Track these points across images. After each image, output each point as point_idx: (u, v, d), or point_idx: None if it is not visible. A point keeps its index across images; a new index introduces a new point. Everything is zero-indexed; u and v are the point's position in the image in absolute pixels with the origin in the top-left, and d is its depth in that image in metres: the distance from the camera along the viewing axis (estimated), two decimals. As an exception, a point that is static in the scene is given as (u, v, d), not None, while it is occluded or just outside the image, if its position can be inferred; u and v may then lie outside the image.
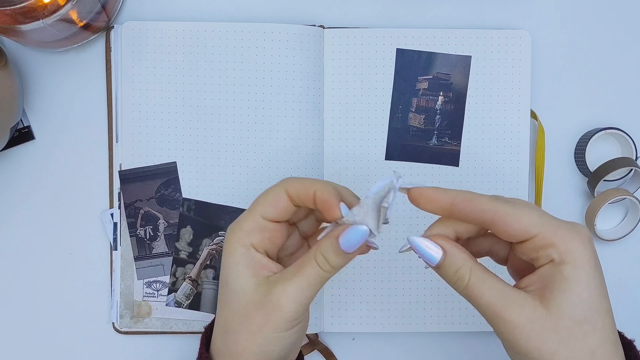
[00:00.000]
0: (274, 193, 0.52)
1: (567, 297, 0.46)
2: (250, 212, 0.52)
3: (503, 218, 0.48)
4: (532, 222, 0.48)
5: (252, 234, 0.52)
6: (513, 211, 0.48)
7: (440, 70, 0.70)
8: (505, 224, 0.48)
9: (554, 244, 0.47)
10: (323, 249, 0.50)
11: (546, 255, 0.48)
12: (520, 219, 0.48)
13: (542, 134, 0.70)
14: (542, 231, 0.48)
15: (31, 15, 0.57)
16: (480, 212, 0.49)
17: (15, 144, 0.70)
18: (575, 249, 0.47)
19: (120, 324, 0.69)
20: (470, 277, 0.49)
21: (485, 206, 0.49)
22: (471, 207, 0.49)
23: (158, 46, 0.68)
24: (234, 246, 0.52)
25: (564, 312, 0.46)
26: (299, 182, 0.52)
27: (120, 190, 0.68)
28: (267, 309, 0.50)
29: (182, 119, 0.68)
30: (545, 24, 0.71)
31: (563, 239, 0.47)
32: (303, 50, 0.68)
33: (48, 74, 0.70)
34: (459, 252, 0.50)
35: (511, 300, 0.48)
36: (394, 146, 0.70)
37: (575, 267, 0.47)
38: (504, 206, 0.49)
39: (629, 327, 0.72)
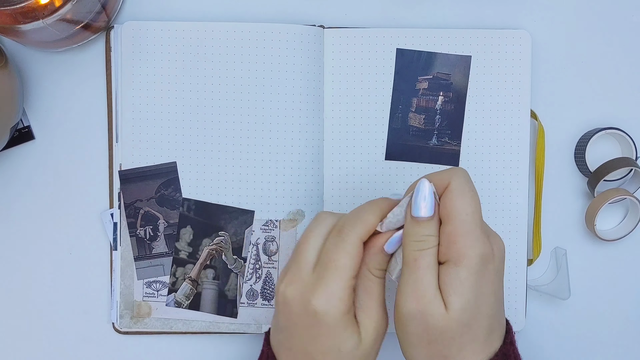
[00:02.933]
0: (353, 246, 0.52)
1: (461, 302, 0.50)
2: (343, 279, 0.52)
3: (449, 194, 0.51)
4: (462, 211, 0.50)
5: (347, 299, 0.52)
6: (458, 192, 0.51)
7: (440, 70, 0.69)
8: (446, 200, 0.51)
9: (456, 242, 0.50)
10: (377, 265, 0.53)
11: (444, 252, 0.51)
12: (456, 202, 0.51)
13: (542, 134, 0.70)
14: (458, 225, 0.50)
15: (31, 15, 0.57)
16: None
17: (15, 144, 0.70)
18: (472, 256, 0.50)
19: (120, 324, 0.69)
20: (432, 248, 0.51)
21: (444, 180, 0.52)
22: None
23: (158, 46, 0.68)
24: (340, 319, 0.52)
25: (456, 315, 0.50)
26: (364, 223, 0.53)
27: (120, 190, 0.68)
28: (378, 340, 0.54)
29: (182, 118, 0.68)
30: (545, 24, 0.71)
31: (465, 241, 0.50)
32: (303, 50, 0.68)
33: (48, 74, 0.70)
34: (438, 223, 0.52)
35: (435, 290, 0.50)
36: (394, 146, 0.70)
37: (468, 272, 0.50)
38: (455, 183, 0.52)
39: (629, 327, 0.73)
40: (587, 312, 0.72)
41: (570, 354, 0.73)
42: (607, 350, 0.73)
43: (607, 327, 0.73)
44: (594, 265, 0.72)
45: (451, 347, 0.51)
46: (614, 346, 0.73)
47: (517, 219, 0.70)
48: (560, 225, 0.72)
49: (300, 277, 0.53)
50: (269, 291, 0.68)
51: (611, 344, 0.73)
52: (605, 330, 0.73)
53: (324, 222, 0.54)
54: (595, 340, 0.73)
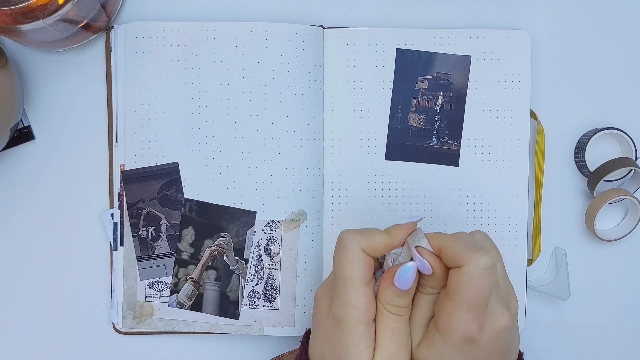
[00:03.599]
0: (359, 261, 0.52)
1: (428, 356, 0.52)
2: (349, 285, 0.52)
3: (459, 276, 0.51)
4: (462, 295, 0.50)
5: (363, 307, 0.52)
6: (468, 279, 0.50)
7: (440, 70, 0.70)
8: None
9: (442, 315, 0.51)
10: (388, 299, 0.52)
11: (437, 314, 0.52)
12: (460, 286, 0.50)
13: (542, 134, 0.70)
14: (457, 307, 0.51)
15: (31, 15, 0.57)
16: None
17: (15, 144, 0.69)
18: (454, 336, 0.51)
19: (123, 324, 0.69)
20: (400, 316, 0.53)
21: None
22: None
23: (158, 46, 0.68)
24: (356, 326, 0.52)
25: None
26: (365, 235, 0.53)
27: (120, 190, 0.68)
28: None
29: (182, 119, 0.68)
30: (545, 24, 0.71)
31: (456, 321, 0.50)
32: (303, 50, 0.68)
33: (48, 74, 0.70)
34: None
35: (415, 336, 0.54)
36: (394, 146, 0.70)
37: (445, 344, 0.51)
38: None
39: (629, 327, 0.73)
40: (587, 312, 0.73)
41: (570, 354, 0.73)
42: (607, 350, 0.73)
43: (607, 327, 0.73)
44: (594, 266, 0.72)
45: None
46: (614, 346, 0.73)
47: (517, 219, 0.70)
48: (560, 226, 0.72)
49: (328, 281, 0.54)
50: (271, 292, 0.68)
51: (611, 343, 0.73)
52: (605, 330, 0.73)
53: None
54: (595, 340, 0.73)
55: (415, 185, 0.70)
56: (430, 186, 0.70)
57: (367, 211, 0.69)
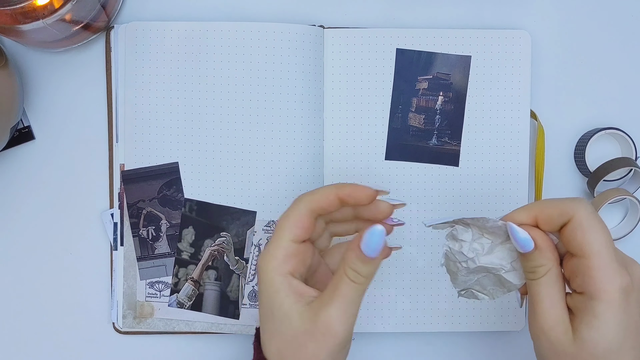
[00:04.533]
0: (296, 213, 0.53)
1: (592, 334, 0.48)
2: (279, 238, 0.52)
3: (578, 227, 0.49)
4: (595, 243, 0.49)
5: (287, 261, 0.52)
6: (588, 223, 0.49)
7: (440, 70, 0.70)
8: (576, 233, 0.49)
9: (593, 276, 0.48)
10: (350, 263, 0.51)
11: (582, 282, 0.49)
12: (589, 235, 0.49)
13: (542, 134, 0.70)
14: (595, 258, 0.48)
15: (31, 15, 0.57)
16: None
17: (15, 144, 0.69)
18: (612, 290, 0.48)
19: (123, 324, 0.69)
20: (544, 276, 0.50)
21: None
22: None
23: (158, 46, 0.68)
24: (271, 275, 0.52)
25: (585, 346, 0.48)
26: (315, 194, 0.53)
27: (120, 190, 0.68)
28: (318, 336, 0.51)
29: (182, 119, 0.68)
30: (545, 24, 0.71)
31: (603, 275, 0.48)
32: (303, 50, 0.68)
33: (48, 74, 0.70)
34: (547, 252, 0.50)
35: (555, 314, 0.50)
36: (394, 146, 0.70)
37: (606, 307, 0.48)
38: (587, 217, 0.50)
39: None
40: (587, 311, 0.73)
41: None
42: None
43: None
44: (594, 265, 0.72)
45: None
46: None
47: (517, 219, 0.70)
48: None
49: (267, 250, 0.54)
50: (271, 292, 0.68)
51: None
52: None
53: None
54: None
55: (415, 185, 0.70)
56: (430, 186, 0.70)
57: (367, 211, 0.69)
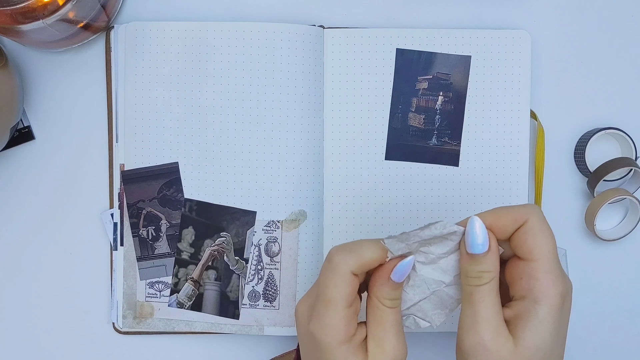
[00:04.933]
0: (344, 283, 0.51)
1: (535, 339, 0.49)
2: (335, 311, 0.51)
3: (530, 230, 0.50)
4: (545, 248, 0.50)
5: (349, 327, 0.51)
6: (539, 228, 0.50)
7: (440, 70, 0.70)
8: (527, 237, 0.50)
9: (539, 279, 0.49)
10: (384, 294, 0.51)
11: (527, 285, 0.50)
12: (539, 240, 0.50)
13: (542, 134, 0.70)
14: (542, 262, 0.50)
15: (31, 15, 0.57)
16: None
17: (15, 144, 0.69)
18: (554, 295, 0.49)
19: (123, 324, 0.69)
20: (490, 282, 0.50)
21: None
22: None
23: (158, 46, 0.68)
24: (337, 348, 0.51)
25: (529, 353, 0.49)
26: (356, 257, 0.51)
27: (120, 190, 0.68)
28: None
29: (182, 119, 0.68)
30: (545, 24, 0.71)
31: (548, 279, 0.49)
32: (303, 50, 0.68)
33: (48, 74, 0.70)
34: (497, 258, 0.51)
35: (496, 323, 0.50)
36: (394, 146, 0.70)
37: (549, 311, 0.49)
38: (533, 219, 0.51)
39: (629, 327, 0.73)
40: (587, 312, 0.73)
41: (571, 354, 0.73)
42: (607, 350, 0.73)
43: (607, 327, 0.73)
44: (594, 265, 0.72)
45: None
46: (614, 346, 0.73)
47: (517, 219, 0.70)
48: (560, 225, 0.72)
49: (310, 297, 0.53)
50: (271, 292, 0.68)
51: (611, 343, 0.73)
52: (606, 330, 0.73)
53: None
54: (596, 339, 0.73)
55: (415, 185, 0.70)
56: (430, 186, 0.70)
57: (367, 211, 0.69)
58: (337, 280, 0.50)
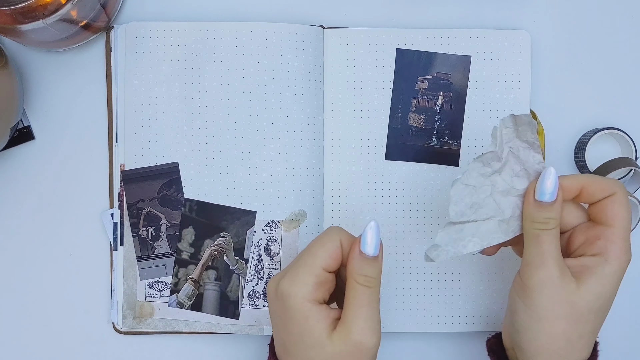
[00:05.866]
0: (332, 244, 0.54)
1: (598, 290, 0.54)
2: (312, 265, 0.53)
3: (618, 201, 0.55)
4: (626, 219, 0.55)
5: (317, 289, 0.53)
6: (625, 202, 0.56)
7: (440, 70, 0.70)
8: (614, 206, 0.55)
9: (615, 242, 0.55)
10: (358, 269, 0.53)
11: (603, 246, 0.55)
12: (623, 211, 0.55)
13: (542, 134, 0.70)
14: (622, 230, 0.55)
15: (31, 15, 0.57)
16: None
17: (15, 144, 0.69)
18: (624, 260, 0.55)
19: (123, 324, 0.69)
20: (555, 229, 0.54)
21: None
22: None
23: (158, 46, 0.68)
24: (301, 302, 0.53)
25: (588, 297, 0.54)
26: (348, 235, 0.55)
27: (120, 190, 0.68)
28: (355, 354, 0.53)
29: (182, 119, 0.68)
30: (545, 24, 0.71)
31: (622, 246, 0.55)
32: (303, 50, 0.68)
33: (48, 74, 0.70)
34: (561, 207, 0.56)
35: (561, 263, 0.54)
36: (394, 146, 0.70)
37: (615, 271, 0.55)
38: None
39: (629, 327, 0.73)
40: (587, 311, 0.72)
41: (570, 354, 0.73)
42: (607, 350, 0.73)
43: (607, 327, 0.73)
44: (594, 265, 0.72)
45: (574, 330, 0.54)
46: (614, 346, 0.73)
47: (517, 219, 0.70)
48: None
49: (283, 271, 0.55)
50: (271, 292, 0.68)
51: (611, 343, 0.73)
52: (605, 330, 0.73)
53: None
54: (595, 339, 0.73)
55: (415, 185, 0.70)
56: (430, 186, 0.70)
57: (367, 211, 0.69)
58: (324, 240, 0.54)
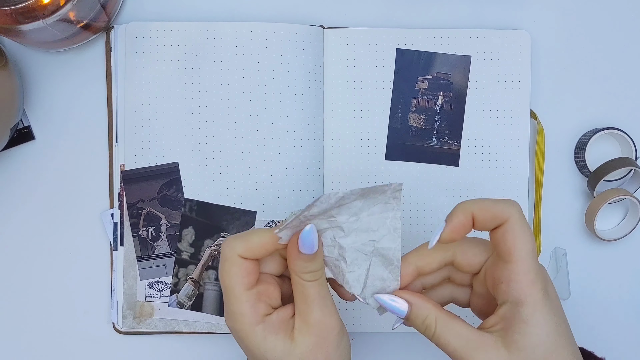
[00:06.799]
0: (232, 265, 0.51)
1: (527, 340, 0.49)
2: (233, 294, 0.52)
3: (511, 231, 0.50)
4: (524, 249, 0.50)
5: (256, 307, 0.52)
6: (519, 229, 0.50)
7: (440, 70, 0.70)
8: (507, 237, 0.50)
9: (518, 281, 0.49)
10: (301, 268, 0.51)
11: (507, 288, 0.50)
12: (519, 240, 0.50)
13: (542, 134, 0.70)
14: (521, 263, 0.50)
15: (31, 15, 0.57)
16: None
17: (15, 144, 0.69)
18: (535, 292, 0.49)
19: (123, 324, 0.69)
20: (437, 325, 0.51)
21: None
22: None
23: (158, 46, 0.68)
24: (252, 332, 0.51)
25: (525, 354, 0.49)
26: (243, 241, 0.52)
27: (120, 190, 0.68)
28: (320, 342, 0.51)
29: (183, 119, 0.68)
30: (545, 24, 0.71)
31: (527, 279, 0.49)
32: (303, 50, 0.68)
33: (48, 74, 0.70)
34: (424, 303, 0.52)
35: (475, 345, 0.50)
36: (394, 146, 0.70)
37: (533, 310, 0.49)
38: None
39: (628, 327, 0.73)
40: (587, 312, 0.73)
41: (570, 354, 0.73)
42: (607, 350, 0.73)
43: (607, 327, 0.73)
44: (594, 265, 0.72)
45: None
46: (615, 346, 0.73)
47: (517, 219, 0.70)
48: (560, 226, 0.72)
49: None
50: (271, 292, 0.68)
51: (611, 343, 0.73)
52: (606, 330, 0.73)
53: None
54: (596, 340, 0.73)
55: (415, 185, 0.70)
56: (430, 186, 0.70)
57: (367, 211, 0.69)
58: (226, 267, 0.51)
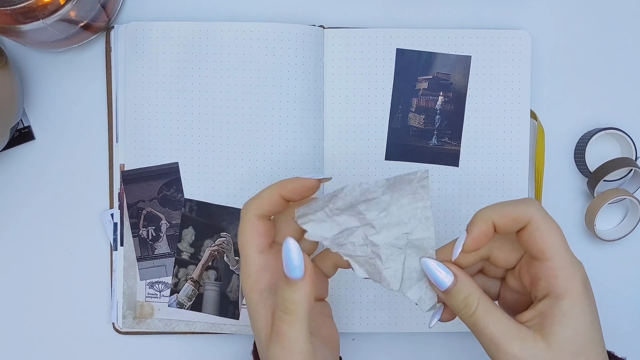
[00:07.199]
0: (249, 225, 0.52)
1: (566, 332, 0.49)
2: (245, 253, 0.51)
3: (536, 231, 0.50)
4: (554, 245, 0.50)
5: (260, 278, 0.51)
6: (544, 226, 0.50)
7: (440, 70, 0.70)
8: (535, 237, 0.50)
9: (557, 276, 0.49)
10: (279, 290, 0.49)
11: (547, 285, 0.50)
12: (547, 238, 0.50)
13: (542, 134, 0.70)
14: (556, 259, 0.50)
15: (31, 15, 0.57)
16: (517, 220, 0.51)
17: (15, 144, 0.69)
18: (575, 287, 0.50)
19: (123, 325, 0.69)
20: (478, 305, 0.50)
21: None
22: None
23: (158, 46, 0.68)
24: (250, 294, 0.51)
25: (563, 346, 0.49)
26: (259, 198, 0.52)
27: (120, 190, 0.68)
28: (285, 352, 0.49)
29: (183, 119, 0.68)
30: (545, 24, 0.71)
31: (566, 274, 0.49)
32: (303, 50, 0.68)
33: (48, 74, 0.70)
34: (470, 280, 0.51)
35: (514, 333, 0.49)
36: (394, 146, 0.70)
37: (573, 303, 0.49)
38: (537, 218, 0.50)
39: (628, 328, 0.73)
40: (587, 311, 0.73)
41: (570, 354, 0.73)
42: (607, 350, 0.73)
43: (607, 327, 0.73)
44: (594, 265, 0.72)
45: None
46: (614, 346, 0.73)
47: (517, 219, 0.70)
48: (560, 225, 0.72)
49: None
50: (271, 292, 0.68)
51: (611, 344, 0.73)
52: (605, 330, 0.73)
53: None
54: (595, 339, 0.73)
55: (415, 185, 0.70)
56: (430, 186, 0.70)
57: (367, 211, 0.69)
58: (242, 226, 0.52)
